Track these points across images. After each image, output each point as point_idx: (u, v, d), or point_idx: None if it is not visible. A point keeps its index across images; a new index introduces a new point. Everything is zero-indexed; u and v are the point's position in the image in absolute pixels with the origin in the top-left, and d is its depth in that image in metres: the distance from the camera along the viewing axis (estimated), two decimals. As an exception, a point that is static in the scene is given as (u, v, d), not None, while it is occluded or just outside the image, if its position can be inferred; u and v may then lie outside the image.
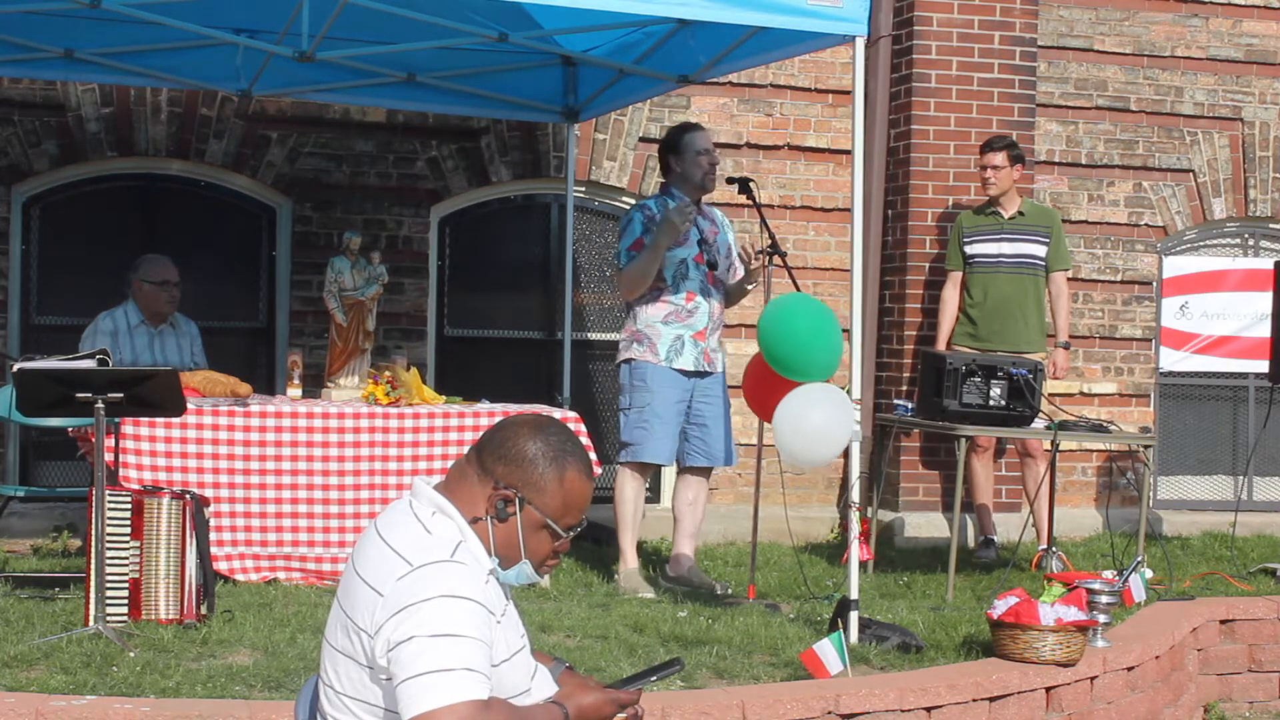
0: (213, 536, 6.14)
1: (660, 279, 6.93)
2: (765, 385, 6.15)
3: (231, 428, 6.64)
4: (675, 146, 7.09)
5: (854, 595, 5.73)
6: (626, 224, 7.03)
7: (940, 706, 5.11)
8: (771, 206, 8.82)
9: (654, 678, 3.00)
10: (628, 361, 7.00)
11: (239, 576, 6.58)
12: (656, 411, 6.90)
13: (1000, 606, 5.46)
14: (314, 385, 7.48)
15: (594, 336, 9.09)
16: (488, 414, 6.99)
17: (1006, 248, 8.22)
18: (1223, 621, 6.88)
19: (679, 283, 6.94)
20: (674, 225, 6.80)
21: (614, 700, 2.93)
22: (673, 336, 6.93)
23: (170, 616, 5.64)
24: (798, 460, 5.96)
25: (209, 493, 6.33)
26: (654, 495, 8.85)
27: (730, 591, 6.85)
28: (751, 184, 6.99)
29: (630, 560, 6.93)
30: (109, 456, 6.08)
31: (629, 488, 6.98)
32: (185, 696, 4.62)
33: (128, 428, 6.42)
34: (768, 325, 6.00)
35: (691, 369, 6.96)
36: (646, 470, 7.07)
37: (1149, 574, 6.96)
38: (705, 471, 7.12)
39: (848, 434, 5.70)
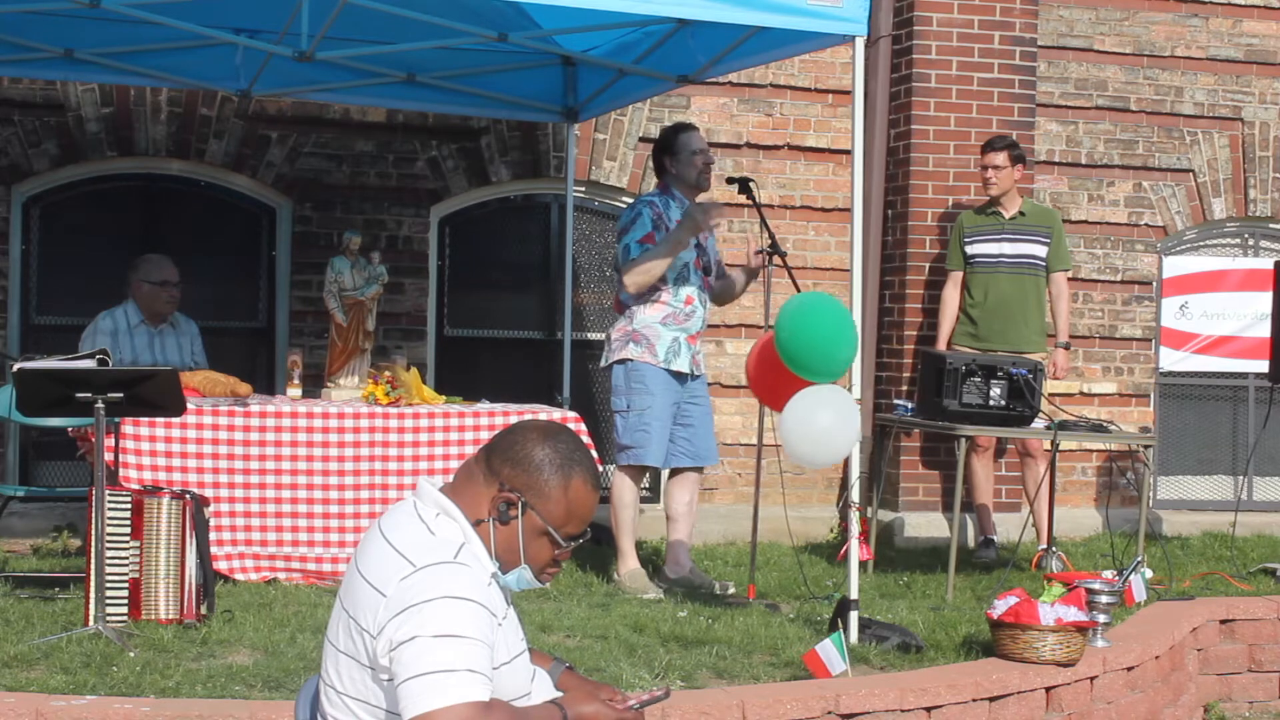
0: (213, 536, 6.14)
1: (662, 280, 6.93)
2: (771, 372, 6.07)
3: (231, 428, 6.64)
4: (670, 147, 7.09)
5: (854, 595, 5.73)
6: (634, 218, 6.97)
7: (940, 706, 5.11)
8: (771, 206, 8.82)
9: (637, 705, 2.98)
10: (623, 362, 6.96)
11: (239, 576, 6.58)
12: (656, 414, 6.89)
13: (1000, 606, 5.46)
14: (314, 385, 7.48)
15: (594, 336, 9.08)
16: (487, 414, 6.99)
17: (1007, 248, 8.23)
18: (1223, 621, 6.88)
19: (679, 286, 6.95)
20: (696, 222, 6.80)
21: (617, 718, 2.93)
22: (671, 339, 6.94)
23: (170, 616, 5.64)
24: (805, 462, 5.94)
25: (209, 493, 6.33)
26: (653, 495, 8.84)
27: (732, 591, 6.86)
28: (751, 184, 7.00)
29: (631, 561, 6.94)
30: (109, 456, 6.08)
31: (627, 491, 6.98)
32: (185, 696, 4.63)
33: (128, 428, 6.42)
34: (788, 324, 5.87)
35: (686, 371, 6.98)
36: (644, 472, 7.07)
37: (1149, 574, 6.96)
38: (696, 472, 7.13)
39: (854, 435, 5.70)
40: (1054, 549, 7.61)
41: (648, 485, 7.52)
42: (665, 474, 8.84)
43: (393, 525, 2.90)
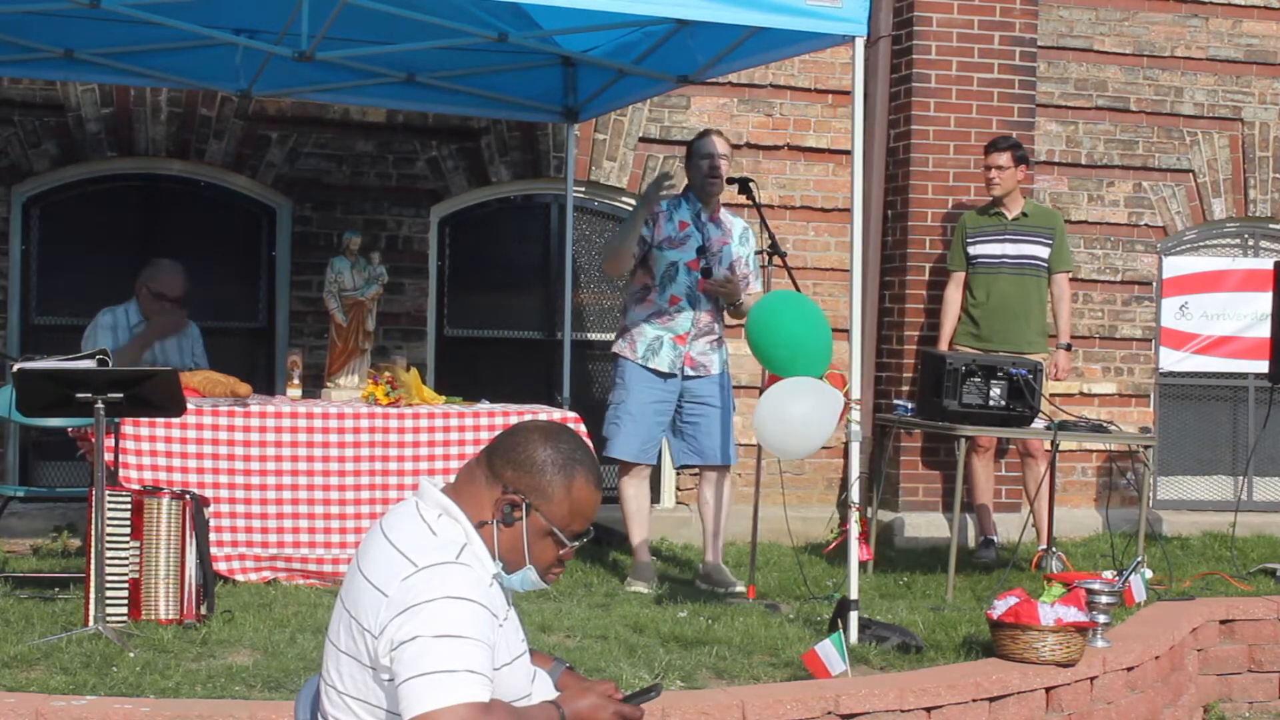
0: (213, 536, 6.14)
1: (649, 278, 7.03)
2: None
3: (231, 428, 6.64)
4: (688, 151, 7.26)
5: (854, 595, 5.73)
6: None
7: (940, 706, 5.11)
8: (771, 206, 8.82)
9: (628, 705, 2.99)
10: (614, 356, 7.17)
11: (239, 576, 6.58)
12: (629, 409, 7.03)
13: (1000, 606, 5.46)
14: (314, 385, 7.48)
15: (594, 336, 9.09)
16: (487, 414, 6.99)
17: (1010, 249, 8.23)
18: (1223, 622, 6.88)
19: (666, 285, 7.02)
20: (648, 197, 6.92)
21: (616, 712, 2.93)
22: (652, 336, 7.03)
23: (170, 616, 5.64)
24: (783, 453, 5.99)
25: (209, 493, 6.32)
26: (653, 495, 8.84)
27: (738, 590, 6.86)
28: (751, 184, 7.02)
29: (642, 554, 7.04)
30: (109, 456, 6.08)
31: (626, 485, 7.09)
32: (185, 697, 4.63)
33: (128, 428, 6.42)
34: (754, 324, 6.04)
35: (667, 370, 7.02)
36: (635, 466, 7.07)
37: (1149, 574, 6.96)
38: (714, 469, 7.15)
39: (832, 421, 5.73)
40: (1054, 549, 7.61)
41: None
42: (671, 472, 8.92)
43: (394, 525, 2.91)
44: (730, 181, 7.15)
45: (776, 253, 6.84)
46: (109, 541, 5.55)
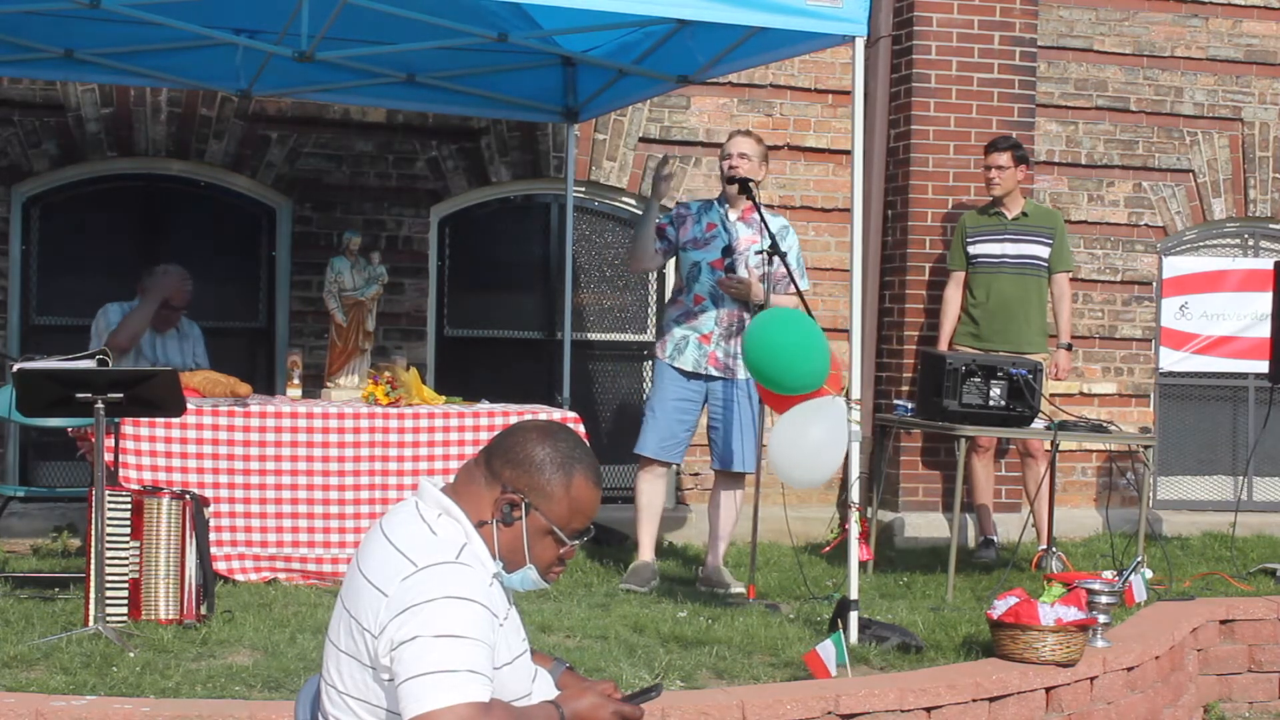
0: (212, 536, 6.14)
1: (680, 279, 7.18)
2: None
3: (231, 428, 6.64)
4: None
5: (854, 595, 5.73)
6: None
7: (940, 706, 5.11)
8: (771, 207, 8.80)
9: (627, 704, 2.99)
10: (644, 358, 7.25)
11: (239, 576, 6.58)
12: (652, 406, 7.13)
13: (1000, 606, 5.46)
14: (314, 385, 7.48)
15: (594, 336, 9.09)
16: (487, 414, 6.99)
17: (1010, 248, 8.23)
18: (1223, 622, 6.89)
19: (691, 285, 7.09)
20: (655, 186, 7.12)
21: (616, 712, 2.93)
22: (680, 336, 7.08)
23: (170, 616, 5.64)
24: (796, 483, 6.02)
25: (209, 493, 6.33)
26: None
27: (736, 591, 6.86)
28: (751, 184, 7.03)
29: (642, 553, 7.03)
30: (109, 456, 6.08)
31: (641, 480, 7.13)
32: (185, 697, 4.63)
33: (128, 428, 6.42)
34: (751, 342, 6.05)
35: (690, 370, 7.02)
36: (658, 465, 7.08)
37: (1149, 574, 6.96)
38: (728, 476, 7.14)
39: (839, 458, 5.75)
40: (1054, 549, 7.61)
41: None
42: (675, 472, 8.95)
43: (394, 525, 2.91)
44: (730, 182, 7.15)
45: (776, 252, 6.83)
46: (109, 541, 5.55)
